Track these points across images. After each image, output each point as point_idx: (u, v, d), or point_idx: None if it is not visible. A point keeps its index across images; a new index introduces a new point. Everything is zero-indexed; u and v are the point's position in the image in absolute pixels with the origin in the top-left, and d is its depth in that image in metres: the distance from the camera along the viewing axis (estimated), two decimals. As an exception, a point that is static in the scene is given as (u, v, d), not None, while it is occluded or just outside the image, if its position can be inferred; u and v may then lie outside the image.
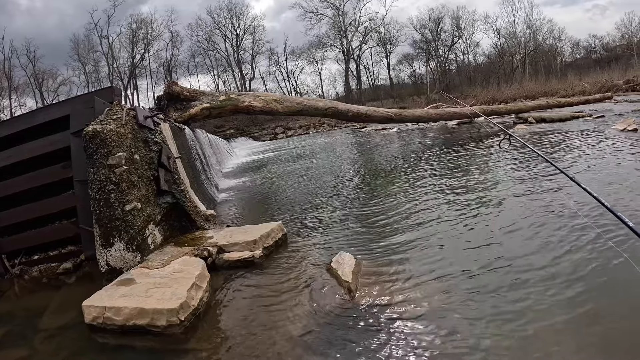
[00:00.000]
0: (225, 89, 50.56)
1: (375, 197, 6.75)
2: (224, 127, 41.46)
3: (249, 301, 3.63)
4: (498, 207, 5.19)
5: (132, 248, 4.59)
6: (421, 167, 8.99)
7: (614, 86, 33.75)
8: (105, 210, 4.59)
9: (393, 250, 4.27)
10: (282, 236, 5.02)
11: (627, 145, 8.23)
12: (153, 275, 4.02)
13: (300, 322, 3.12)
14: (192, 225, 5.57)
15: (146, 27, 49.78)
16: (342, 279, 3.62)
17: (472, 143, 11.93)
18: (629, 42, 50.30)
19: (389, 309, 3.12)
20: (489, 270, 3.49)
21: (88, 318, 3.48)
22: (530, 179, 6.32)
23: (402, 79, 59.88)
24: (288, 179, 10.70)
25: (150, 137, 5.48)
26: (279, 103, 9.71)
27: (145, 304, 3.38)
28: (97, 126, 4.75)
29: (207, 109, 8.33)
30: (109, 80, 48.22)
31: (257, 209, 7.70)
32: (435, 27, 54.35)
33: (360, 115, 12.23)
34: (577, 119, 15.39)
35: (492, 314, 2.82)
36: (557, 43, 55.42)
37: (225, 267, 4.45)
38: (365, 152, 15.32)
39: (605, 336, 2.44)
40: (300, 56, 56.17)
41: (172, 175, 5.54)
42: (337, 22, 54.24)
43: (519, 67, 52.58)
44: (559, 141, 10.21)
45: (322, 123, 41.57)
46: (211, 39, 52.88)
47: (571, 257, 3.50)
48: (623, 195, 4.87)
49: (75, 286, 4.89)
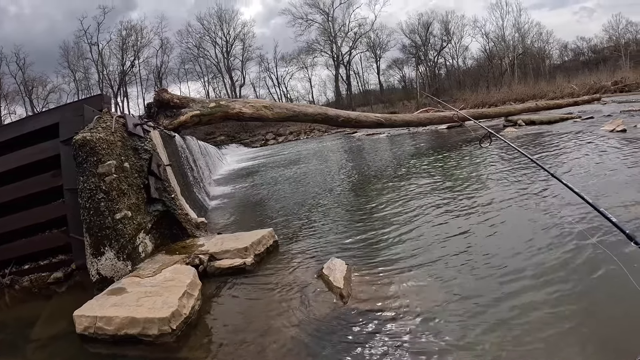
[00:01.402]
0: (216, 96, 50.47)
1: (366, 203, 6.77)
2: (215, 134, 41.43)
3: (241, 309, 3.63)
4: (488, 210, 5.22)
5: (123, 257, 4.56)
6: (411, 172, 9.04)
7: (602, 87, 34.19)
8: (96, 219, 4.56)
9: (384, 255, 4.29)
10: (273, 243, 5.02)
11: (616, 145, 8.33)
12: (144, 284, 4.00)
13: (292, 329, 3.11)
14: (183, 233, 5.55)
15: (136, 34, 49.73)
16: (333, 285, 3.63)
17: (461, 146, 12.03)
18: (616, 44, 50.89)
19: (381, 314, 3.14)
20: (480, 274, 3.52)
21: (79, 328, 3.45)
22: (517, 179, 6.41)
23: (392, 83, 60.23)
24: (279, 186, 10.71)
25: (140, 144, 5.47)
26: (269, 109, 9.72)
27: (137, 313, 3.36)
28: (87, 134, 4.73)
29: (197, 116, 8.32)
30: (99, 87, 48.08)
31: (248, 215, 7.69)
32: (424, 32, 54.78)
33: (351, 120, 12.28)
34: (567, 120, 15.58)
35: (485, 318, 2.84)
36: (546, 46, 56.00)
37: (217, 275, 4.44)
38: (355, 158, 15.37)
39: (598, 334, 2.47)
40: (290, 62, 56.39)
41: (163, 183, 5.53)
42: (327, 27, 54.52)
43: (507, 71, 52.95)
44: (549, 143, 10.32)
45: (312, 129, 41.67)
46: (201, 45, 52.96)
47: (560, 259, 3.52)
48: (613, 197, 4.93)
49: (67, 296, 4.85)
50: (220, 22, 52.97)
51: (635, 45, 50.10)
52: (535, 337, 2.54)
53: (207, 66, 53.86)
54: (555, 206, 4.76)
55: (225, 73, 53.66)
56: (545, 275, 3.26)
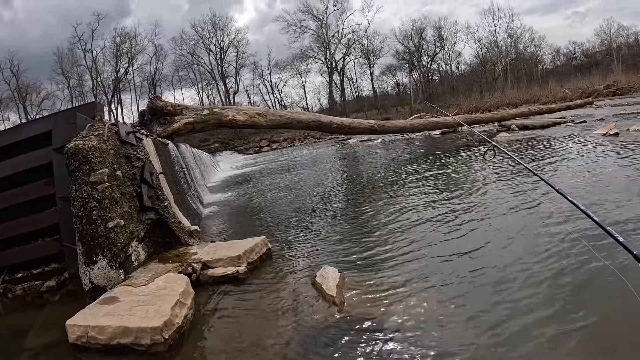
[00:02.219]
0: (210, 103, 50.68)
1: (359, 210, 6.77)
2: (209, 141, 41.47)
3: (234, 317, 3.62)
4: (482, 217, 5.22)
5: (116, 265, 4.54)
6: (404, 179, 9.05)
7: (594, 91, 34.52)
8: (88, 227, 4.54)
9: (377, 263, 4.29)
10: (266, 251, 5.01)
11: (609, 149, 8.40)
12: (137, 293, 3.99)
13: (285, 338, 3.11)
14: (176, 242, 5.53)
15: (130, 40, 49.82)
16: (326, 293, 3.62)
17: (455, 152, 12.06)
18: (608, 48, 51.38)
19: (374, 322, 3.13)
20: (473, 282, 3.52)
21: (72, 337, 3.44)
22: (512, 189, 6.39)
23: (385, 90, 60.60)
24: (272, 193, 10.70)
25: (133, 152, 5.46)
26: (263, 117, 9.74)
27: (129, 323, 3.34)
28: (79, 142, 4.72)
29: (191, 123, 8.33)
30: (92, 94, 48.06)
31: (241, 223, 7.68)
32: (417, 38, 55.20)
33: (344, 127, 12.31)
34: (560, 124, 15.70)
35: (479, 326, 2.84)
36: (538, 51, 56.53)
37: (210, 284, 4.43)
38: (349, 164, 15.38)
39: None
40: (284, 69, 56.68)
41: (156, 191, 5.52)
42: (321, 34, 54.82)
43: (501, 76, 53.37)
44: (542, 147, 10.38)
45: (306, 135, 41.78)
46: (195, 52, 53.11)
47: (555, 269, 3.53)
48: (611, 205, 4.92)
49: (59, 304, 4.82)
50: (214, 29, 53.23)
51: (627, 48, 50.65)
52: (533, 348, 2.54)
53: (201, 73, 54.11)
54: (557, 218, 4.66)
55: (219, 80, 53.85)
56: (544, 286, 3.24)
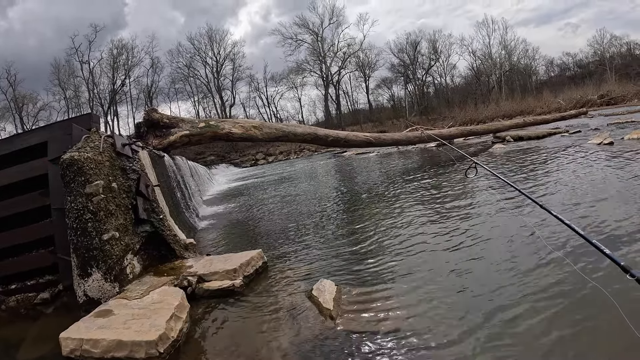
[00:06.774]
0: (206, 116, 50.89)
1: (355, 223, 6.75)
2: (205, 154, 41.51)
3: (230, 331, 3.60)
4: (476, 231, 5.21)
5: (110, 278, 4.51)
6: (400, 192, 9.04)
7: (588, 101, 34.88)
8: (83, 239, 4.52)
9: (374, 276, 4.27)
10: (262, 264, 4.99)
11: (604, 159, 8.45)
12: (132, 306, 3.96)
13: (281, 352, 3.09)
14: (171, 254, 5.49)
15: (127, 52, 50.03)
16: (323, 307, 3.61)
17: (449, 165, 12.05)
18: (601, 58, 51.93)
19: (371, 335, 3.12)
20: (469, 294, 3.51)
21: (66, 350, 3.41)
22: (504, 202, 6.40)
23: (381, 102, 61.02)
24: (268, 206, 10.66)
25: (128, 165, 5.44)
26: (258, 129, 9.75)
27: (124, 336, 3.32)
28: (74, 154, 4.71)
29: (187, 135, 8.34)
30: (89, 106, 48.17)
31: (237, 236, 7.64)
32: (412, 51, 55.67)
33: (340, 140, 12.32)
34: (555, 135, 15.81)
35: (476, 338, 2.84)
36: (532, 62, 57.27)
37: (206, 297, 4.40)
38: (345, 177, 15.36)
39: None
40: (280, 82, 57.13)
41: (151, 204, 5.50)
42: (316, 47, 55.24)
43: (495, 87, 53.81)
44: (537, 159, 10.41)
45: (302, 148, 41.91)
46: (191, 65, 53.35)
47: (543, 284, 3.53)
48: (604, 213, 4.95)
49: (53, 317, 4.77)
50: (211, 42, 53.65)
51: (620, 58, 51.24)
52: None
53: (197, 86, 54.37)
54: (546, 233, 4.67)
55: (216, 93, 54.08)
56: (536, 300, 3.25)
